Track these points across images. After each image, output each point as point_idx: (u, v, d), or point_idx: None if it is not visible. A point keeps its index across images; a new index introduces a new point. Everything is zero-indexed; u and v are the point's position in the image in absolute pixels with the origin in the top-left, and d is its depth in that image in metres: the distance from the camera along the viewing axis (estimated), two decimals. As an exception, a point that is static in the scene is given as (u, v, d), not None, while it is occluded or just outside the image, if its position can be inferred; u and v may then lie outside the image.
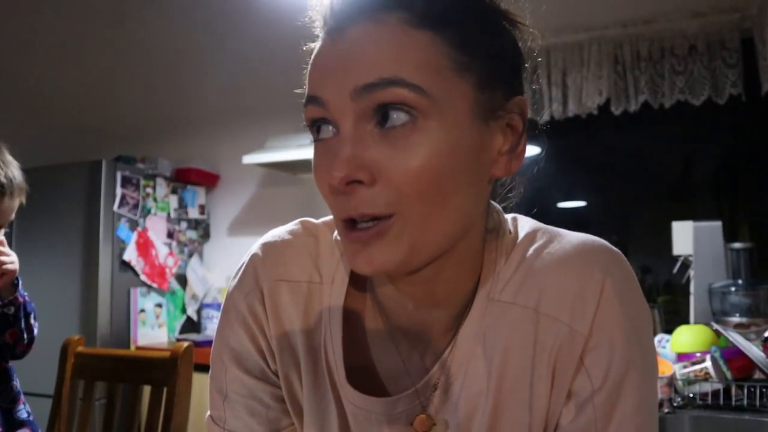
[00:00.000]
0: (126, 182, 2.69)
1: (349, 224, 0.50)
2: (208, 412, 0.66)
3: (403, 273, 0.54)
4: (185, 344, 1.33)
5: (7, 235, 2.86)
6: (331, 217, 0.64)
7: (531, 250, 0.57)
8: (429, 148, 0.48)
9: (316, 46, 0.53)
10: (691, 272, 2.19)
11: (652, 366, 0.55)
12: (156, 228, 2.84)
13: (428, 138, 0.48)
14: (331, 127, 0.51)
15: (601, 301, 0.53)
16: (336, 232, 0.63)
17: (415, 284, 0.56)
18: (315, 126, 0.52)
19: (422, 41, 0.48)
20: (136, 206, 2.73)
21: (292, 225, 0.65)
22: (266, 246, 0.64)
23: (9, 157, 1.34)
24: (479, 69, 0.50)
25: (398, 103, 0.47)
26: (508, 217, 0.61)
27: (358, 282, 0.61)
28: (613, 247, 0.57)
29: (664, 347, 1.89)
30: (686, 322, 2.15)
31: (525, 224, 0.60)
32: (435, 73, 0.48)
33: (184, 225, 3.02)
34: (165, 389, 1.31)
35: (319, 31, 0.53)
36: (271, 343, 0.62)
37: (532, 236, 0.58)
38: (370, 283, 0.61)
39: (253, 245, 0.66)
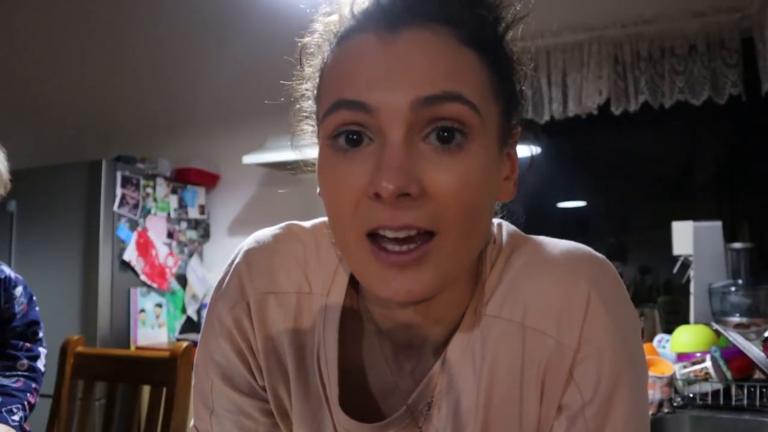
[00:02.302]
0: (126, 182, 2.69)
1: (378, 243, 0.47)
2: (192, 422, 0.64)
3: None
4: (185, 344, 1.33)
5: (8, 236, 2.86)
6: (321, 220, 0.62)
7: (514, 261, 0.56)
8: (475, 168, 0.47)
9: (349, 40, 0.49)
10: (691, 272, 2.19)
11: (642, 374, 0.54)
12: (156, 228, 2.84)
13: (475, 158, 0.47)
14: (367, 135, 0.47)
15: (587, 312, 0.51)
16: (333, 242, 0.60)
17: (411, 306, 0.55)
18: (342, 132, 0.48)
19: (472, 60, 0.48)
20: (136, 206, 2.73)
21: (277, 229, 0.62)
22: (250, 254, 0.61)
23: None
24: (505, 96, 0.51)
25: (455, 119, 0.46)
26: (494, 222, 0.60)
27: (350, 296, 0.59)
28: (598, 254, 0.56)
29: (664, 347, 1.88)
30: (686, 322, 2.15)
31: (507, 232, 0.59)
32: (483, 93, 0.48)
33: (184, 225, 3.02)
34: (164, 389, 1.31)
35: (344, 21, 0.51)
36: (258, 358, 0.60)
37: (514, 246, 0.57)
38: (362, 297, 0.59)
39: (236, 250, 0.62)
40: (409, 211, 0.45)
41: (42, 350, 1.41)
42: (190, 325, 3.00)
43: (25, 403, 1.33)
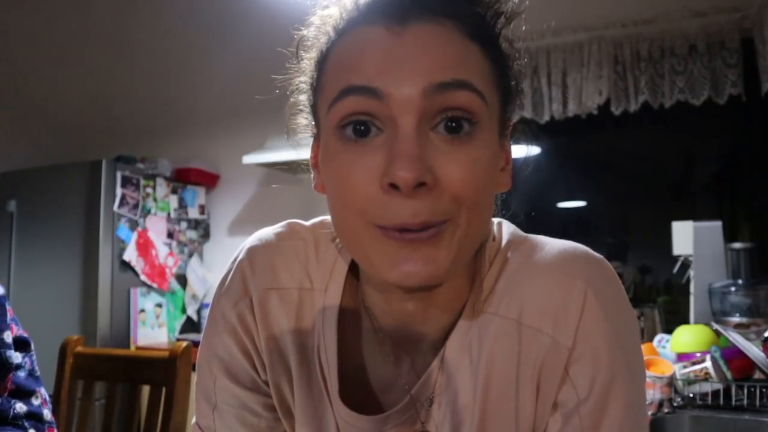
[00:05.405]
0: (126, 182, 2.69)
1: (394, 230, 0.47)
2: (194, 420, 0.65)
3: (430, 286, 0.51)
4: (184, 344, 1.33)
5: (8, 236, 2.85)
6: (320, 219, 0.63)
7: (512, 259, 0.56)
8: (482, 158, 0.48)
9: (355, 31, 0.50)
10: (691, 272, 2.19)
11: (638, 373, 0.54)
12: (156, 228, 2.84)
13: (482, 148, 0.48)
14: (375, 125, 0.48)
15: (584, 311, 0.52)
16: (332, 239, 0.61)
17: (412, 297, 0.55)
18: (350, 122, 0.48)
19: (477, 52, 0.49)
20: (136, 206, 2.73)
21: (279, 227, 0.63)
22: (253, 251, 0.61)
23: None
24: (503, 87, 0.52)
25: (465, 108, 0.47)
26: (494, 221, 0.60)
27: (350, 291, 0.60)
28: (596, 254, 0.56)
29: (664, 347, 1.89)
30: (686, 322, 2.15)
31: (507, 231, 0.59)
32: (488, 84, 0.49)
33: (184, 225, 3.02)
34: (164, 389, 1.31)
35: (347, 14, 0.51)
36: (261, 353, 0.61)
37: (513, 244, 0.57)
38: (361, 292, 0.60)
39: (239, 248, 0.63)
40: (424, 204, 0.46)
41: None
42: (190, 325, 3.00)
43: None
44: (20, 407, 1.02)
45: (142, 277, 2.74)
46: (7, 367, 1.01)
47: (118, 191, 2.65)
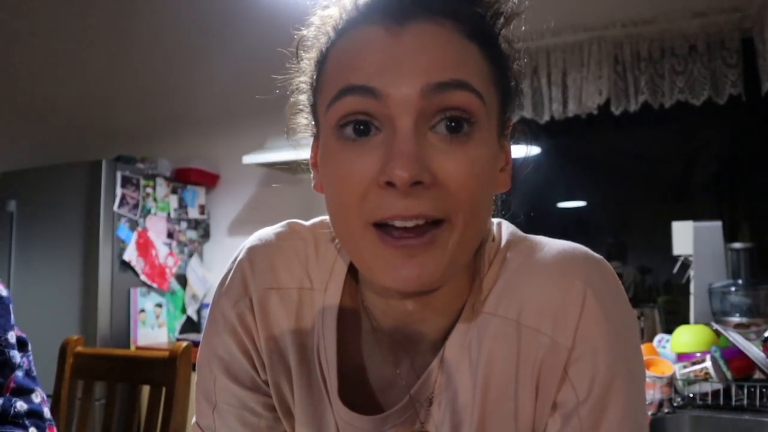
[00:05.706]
0: (126, 182, 2.69)
1: (387, 231, 0.47)
2: (194, 419, 0.65)
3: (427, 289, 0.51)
4: (184, 344, 1.33)
5: (8, 236, 2.85)
6: (320, 219, 0.63)
7: (511, 260, 0.56)
8: (481, 158, 0.48)
9: (354, 31, 0.50)
10: (691, 272, 2.19)
11: (638, 373, 0.54)
12: (156, 228, 2.84)
13: (481, 148, 0.48)
14: (374, 124, 0.48)
15: (583, 311, 0.51)
16: (331, 239, 0.61)
17: (410, 298, 0.55)
18: (349, 121, 0.48)
19: (475, 52, 0.49)
20: (136, 206, 2.73)
21: (279, 227, 0.63)
22: (253, 251, 0.62)
23: None
24: (502, 87, 0.52)
25: (463, 108, 0.47)
26: (493, 221, 0.60)
27: (350, 291, 0.60)
28: (595, 254, 0.56)
29: (664, 347, 1.89)
30: (686, 322, 2.15)
31: (506, 231, 0.59)
32: (486, 84, 0.49)
33: (184, 225, 3.02)
34: (164, 389, 1.31)
35: (346, 14, 0.52)
36: (260, 353, 0.61)
37: (512, 244, 0.57)
38: (360, 292, 0.60)
39: (239, 248, 0.63)
40: (421, 201, 0.46)
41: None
42: (190, 325, 3.00)
43: None
44: (21, 405, 1.02)
45: (142, 277, 2.74)
46: (11, 366, 1.02)
47: (118, 191, 2.65)
